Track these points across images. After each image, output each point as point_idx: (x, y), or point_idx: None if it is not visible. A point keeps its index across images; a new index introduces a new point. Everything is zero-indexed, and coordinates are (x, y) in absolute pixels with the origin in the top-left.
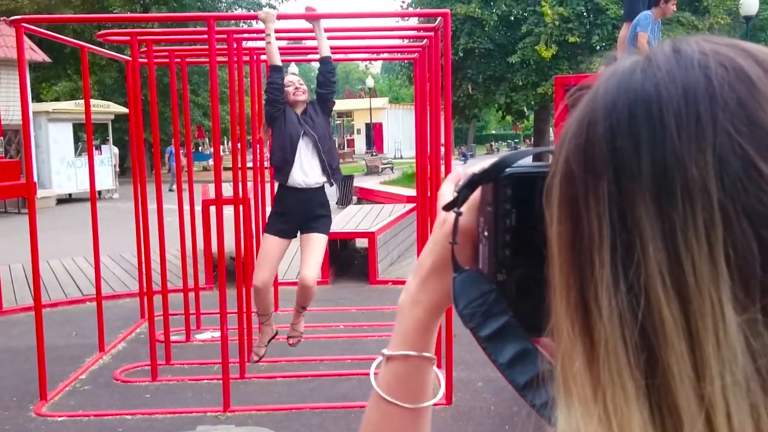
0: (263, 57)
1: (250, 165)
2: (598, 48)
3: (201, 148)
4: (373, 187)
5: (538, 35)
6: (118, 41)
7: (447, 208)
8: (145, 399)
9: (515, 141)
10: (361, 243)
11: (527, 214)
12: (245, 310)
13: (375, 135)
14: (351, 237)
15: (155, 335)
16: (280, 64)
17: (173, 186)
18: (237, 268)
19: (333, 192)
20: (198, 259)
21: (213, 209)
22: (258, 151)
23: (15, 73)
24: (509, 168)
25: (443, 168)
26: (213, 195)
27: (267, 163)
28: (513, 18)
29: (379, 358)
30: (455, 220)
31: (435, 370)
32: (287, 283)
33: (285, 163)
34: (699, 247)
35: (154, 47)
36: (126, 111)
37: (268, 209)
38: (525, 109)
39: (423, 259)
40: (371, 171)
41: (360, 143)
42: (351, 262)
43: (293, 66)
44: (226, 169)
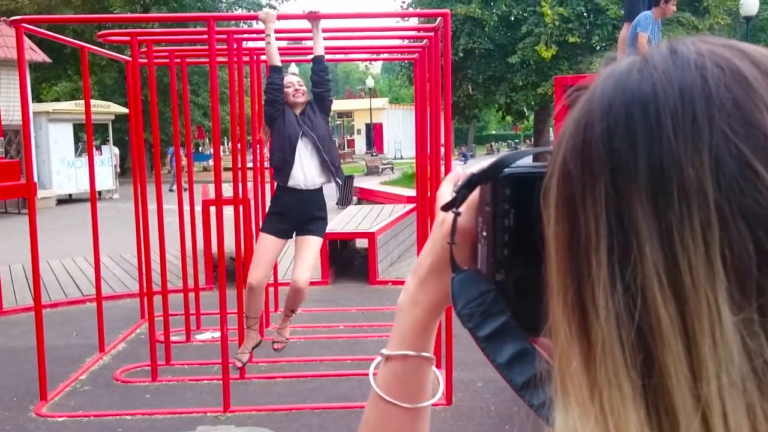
0: (263, 57)
1: (250, 165)
2: (598, 48)
3: (201, 148)
4: (373, 188)
5: (538, 35)
6: (118, 41)
7: (445, 208)
8: (145, 399)
9: (515, 141)
10: (361, 243)
11: (526, 214)
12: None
13: (375, 135)
14: (351, 237)
15: (155, 335)
16: (279, 64)
17: (173, 186)
18: (237, 268)
19: (333, 192)
20: (198, 260)
21: (213, 209)
22: (258, 152)
23: (15, 74)
24: (508, 168)
25: (443, 168)
26: (213, 195)
27: (267, 164)
28: (513, 18)
29: (378, 358)
30: (454, 220)
31: (434, 370)
32: (288, 284)
33: (285, 164)
34: (695, 248)
35: (154, 47)
36: (126, 111)
37: None
38: (525, 110)
39: (422, 259)
40: (371, 171)
41: (360, 143)
42: (351, 262)
43: (293, 66)
44: (226, 170)
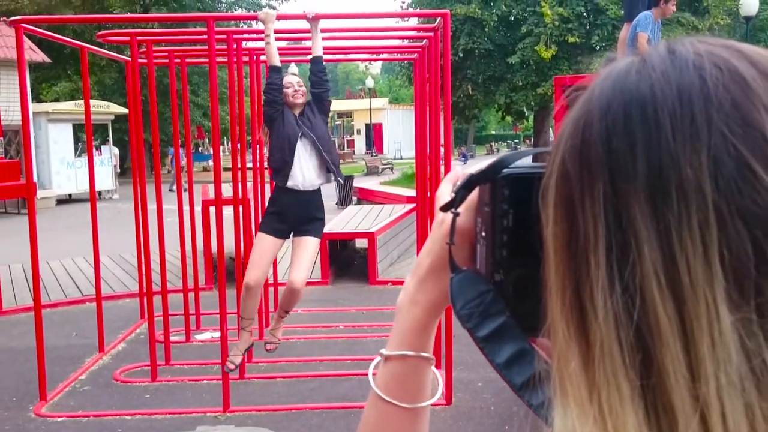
0: (263, 57)
1: (249, 165)
2: (597, 48)
3: (201, 148)
4: (373, 188)
5: (537, 36)
6: (117, 42)
7: (444, 208)
8: (145, 399)
9: (515, 141)
10: (361, 243)
11: (524, 214)
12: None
13: (375, 135)
14: (351, 237)
15: (155, 336)
16: (279, 64)
17: (173, 186)
18: (237, 268)
19: (333, 192)
20: (198, 260)
21: (213, 209)
22: (258, 152)
23: (15, 74)
24: (506, 168)
25: (443, 168)
26: (213, 195)
27: (266, 164)
28: (513, 18)
29: (378, 358)
30: (453, 220)
31: (433, 370)
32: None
33: (284, 165)
34: (694, 248)
35: (153, 48)
36: (126, 111)
37: None
38: (525, 110)
39: (421, 260)
40: (371, 171)
41: (360, 144)
42: (351, 262)
43: (293, 66)
44: (225, 170)
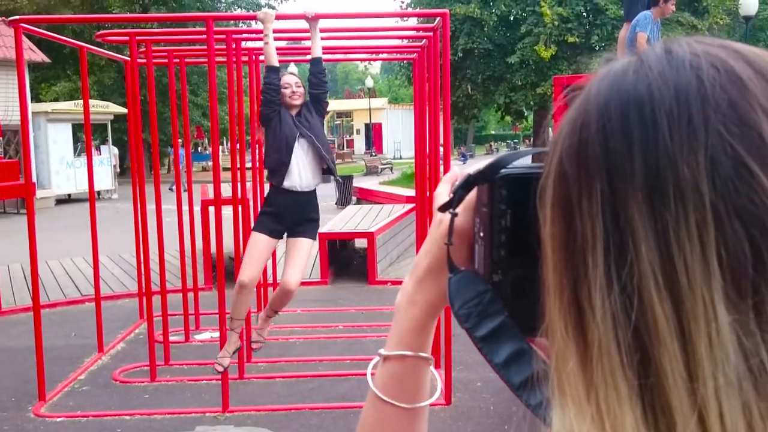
0: (262, 57)
1: (249, 165)
2: (597, 48)
3: (200, 148)
4: (373, 188)
5: (537, 35)
6: (117, 41)
7: (443, 209)
8: (144, 399)
9: (514, 141)
10: (361, 243)
11: (522, 214)
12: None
13: (374, 135)
14: (350, 237)
15: (154, 336)
16: (277, 65)
17: (173, 186)
18: (236, 268)
19: (332, 192)
20: (197, 260)
21: (212, 209)
22: (257, 152)
23: (14, 74)
24: (504, 169)
25: (442, 168)
26: (212, 195)
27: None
28: (512, 18)
29: (376, 358)
30: (451, 220)
31: (432, 370)
32: None
33: (281, 165)
34: (691, 247)
35: (153, 47)
36: (125, 111)
37: None
38: (524, 110)
39: (419, 260)
40: (370, 171)
41: (359, 143)
42: (350, 262)
43: (292, 66)
44: (225, 170)
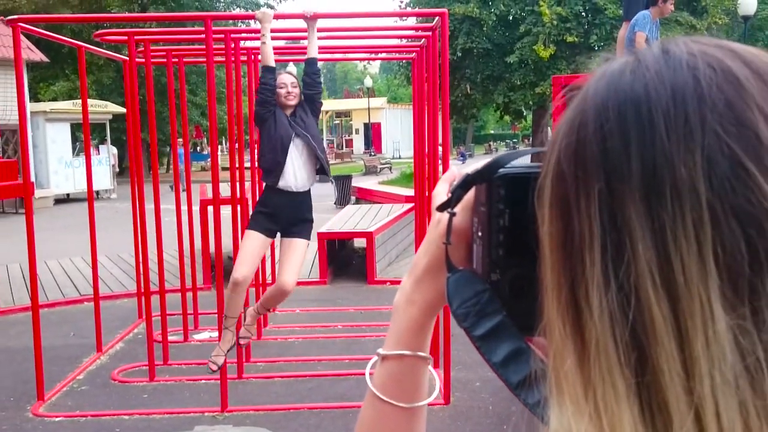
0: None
1: (247, 165)
2: (596, 48)
3: (199, 147)
4: (372, 187)
5: (536, 35)
6: (115, 41)
7: (441, 208)
8: (143, 399)
9: (513, 141)
10: (360, 243)
11: (521, 214)
12: (243, 309)
13: (373, 135)
14: (349, 237)
15: (153, 335)
16: (273, 65)
17: (174, 184)
18: None
19: (331, 192)
20: (196, 259)
21: (211, 209)
22: (256, 151)
23: (12, 73)
24: (503, 168)
25: (441, 168)
26: (211, 195)
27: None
28: (511, 18)
29: (375, 357)
30: (449, 220)
31: (430, 369)
32: None
33: (276, 166)
34: (688, 247)
35: (151, 47)
36: (124, 111)
37: None
38: (523, 109)
39: (418, 259)
40: (369, 171)
41: (358, 143)
42: (349, 262)
43: (291, 66)
44: (223, 169)
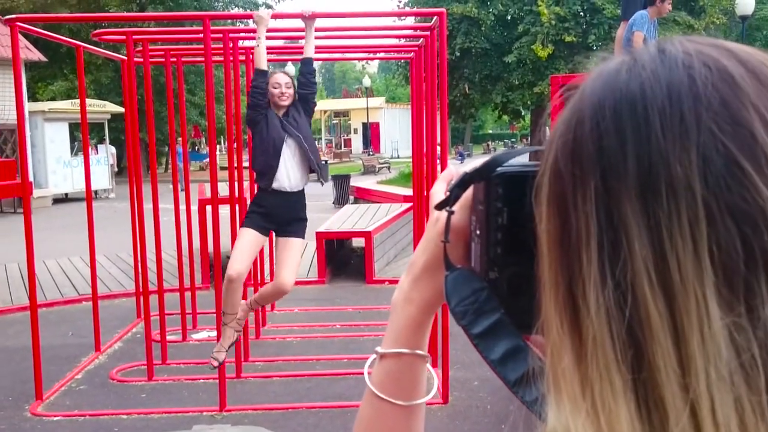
0: None
1: (246, 164)
2: (594, 47)
3: (197, 147)
4: (370, 187)
5: (534, 35)
6: (114, 40)
7: (439, 207)
8: (141, 399)
9: (512, 140)
10: (358, 242)
11: (518, 212)
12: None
13: (372, 134)
14: (348, 236)
15: (151, 335)
16: (266, 68)
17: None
18: None
19: (330, 192)
20: (194, 259)
21: (209, 209)
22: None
23: (10, 73)
24: (500, 167)
25: (440, 167)
26: (209, 194)
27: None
28: (509, 17)
29: (373, 356)
30: (447, 218)
31: (429, 368)
32: None
33: (269, 168)
34: (684, 244)
35: (150, 46)
36: (122, 110)
37: None
38: (521, 109)
39: (416, 258)
40: (368, 170)
41: (357, 143)
42: (348, 261)
43: (290, 66)
44: (222, 169)
